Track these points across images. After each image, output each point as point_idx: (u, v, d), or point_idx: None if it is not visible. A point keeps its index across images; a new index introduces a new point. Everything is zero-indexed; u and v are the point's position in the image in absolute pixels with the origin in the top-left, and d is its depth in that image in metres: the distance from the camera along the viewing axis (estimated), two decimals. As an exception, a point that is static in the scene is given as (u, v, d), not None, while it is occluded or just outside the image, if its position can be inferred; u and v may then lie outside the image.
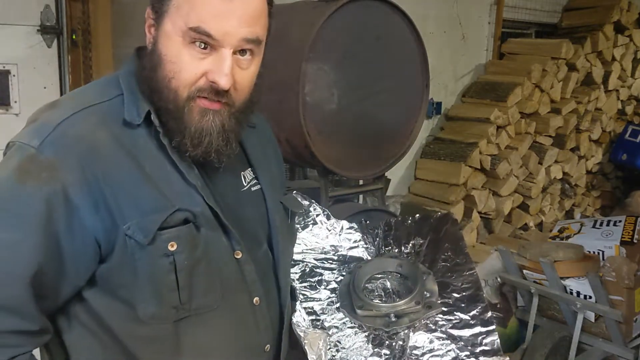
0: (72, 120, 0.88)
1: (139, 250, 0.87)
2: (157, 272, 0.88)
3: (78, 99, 0.93)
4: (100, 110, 0.91)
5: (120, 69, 0.98)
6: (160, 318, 0.90)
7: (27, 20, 2.27)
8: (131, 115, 0.91)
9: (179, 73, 0.88)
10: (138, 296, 0.89)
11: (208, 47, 0.87)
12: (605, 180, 4.71)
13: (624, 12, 4.40)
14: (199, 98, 0.89)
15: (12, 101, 2.28)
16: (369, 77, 2.18)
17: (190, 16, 0.86)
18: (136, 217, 0.87)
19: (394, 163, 2.39)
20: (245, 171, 1.05)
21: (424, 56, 2.31)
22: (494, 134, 3.72)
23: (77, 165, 0.85)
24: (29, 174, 0.84)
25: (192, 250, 0.90)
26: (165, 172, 0.91)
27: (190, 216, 0.91)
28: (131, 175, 0.88)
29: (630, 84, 4.63)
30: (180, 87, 0.89)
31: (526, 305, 3.01)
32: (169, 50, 0.88)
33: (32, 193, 0.83)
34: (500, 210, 3.80)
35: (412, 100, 2.35)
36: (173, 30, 0.88)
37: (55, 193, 0.84)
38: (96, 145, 0.87)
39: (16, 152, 0.86)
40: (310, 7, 2.13)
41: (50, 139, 0.85)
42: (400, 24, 2.23)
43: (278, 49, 2.06)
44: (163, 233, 0.88)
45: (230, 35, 0.87)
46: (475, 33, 4.17)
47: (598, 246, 3.17)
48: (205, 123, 0.90)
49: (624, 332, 2.67)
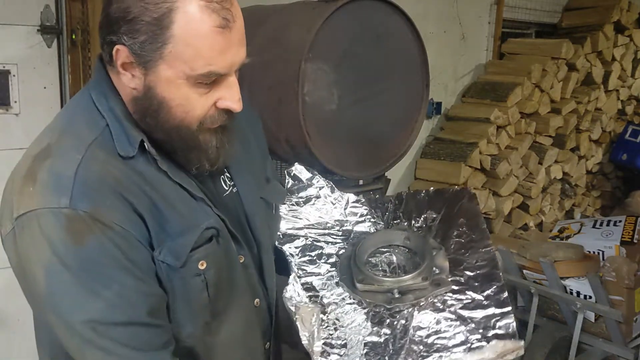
0: (85, 163, 0.84)
1: (172, 273, 0.88)
2: (190, 292, 0.90)
3: (72, 138, 0.88)
4: (100, 145, 0.88)
5: (89, 86, 0.94)
6: (195, 336, 0.93)
7: (27, 20, 2.27)
8: (124, 148, 0.88)
9: (191, 112, 0.88)
10: (173, 318, 0.90)
11: (215, 81, 0.88)
12: (605, 180, 4.71)
13: (624, 12, 4.40)
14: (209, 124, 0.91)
15: (12, 101, 2.28)
16: (369, 77, 2.18)
17: (196, 61, 0.84)
18: (166, 242, 0.87)
19: (394, 163, 2.39)
20: (223, 175, 1.04)
21: (424, 56, 2.31)
22: (494, 134, 3.72)
23: (116, 202, 0.84)
24: (82, 232, 0.81)
25: (218, 264, 0.93)
26: (176, 192, 0.91)
27: (215, 232, 0.92)
28: (155, 201, 0.88)
29: (630, 84, 4.63)
30: (192, 123, 0.89)
31: (526, 305, 3.01)
32: (174, 95, 0.87)
33: (99, 245, 0.81)
34: (500, 210, 3.80)
35: (412, 100, 2.35)
36: (175, 75, 0.85)
37: (118, 234, 0.83)
38: (119, 180, 0.86)
39: (48, 220, 0.81)
40: (310, 7, 2.13)
41: (78, 192, 0.82)
42: (400, 24, 2.23)
43: (277, 49, 2.06)
44: (193, 254, 0.89)
45: (235, 63, 0.88)
46: (475, 33, 4.17)
47: (598, 246, 3.16)
48: (217, 141, 0.93)
49: (624, 332, 2.67)
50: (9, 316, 2.39)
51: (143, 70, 0.86)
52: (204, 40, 0.83)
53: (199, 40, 0.83)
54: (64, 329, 0.83)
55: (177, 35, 0.83)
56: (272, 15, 2.24)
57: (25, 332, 2.35)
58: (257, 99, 2.12)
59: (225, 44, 0.85)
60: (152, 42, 0.83)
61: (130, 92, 0.89)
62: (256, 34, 2.17)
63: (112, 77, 0.92)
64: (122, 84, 0.90)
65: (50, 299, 0.83)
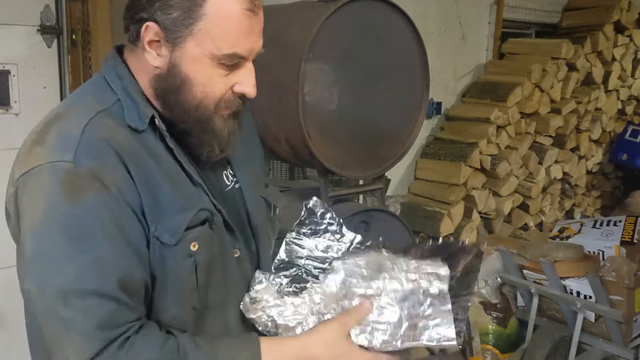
0: (92, 125, 0.86)
1: (165, 251, 0.88)
2: (180, 273, 0.89)
3: (79, 106, 0.91)
4: (110, 115, 0.90)
5: (102, 70, 0.96)
6: (180, 319, 0.91)
7: (27, 20, 2.27)
8: (134, 121, 0.90)
9: (211, 93, 0.91)
10: (161, 299, 0.89)
11: (235, 64, 0.91)
12: (605, 180, 4.71)
13: (624, 12, 4.40)
14: (223, 108, 0.94)
15: (12, 101, 2.28)
16: (369, 77, 2.18)
17: (223, 41, 0.87)
18: (162, 218, 0.87)
19: (394, 163, 2.39)
20: (226, 170, 1.06)
21: (424, 56, 2.31)
22: (494, 134, 3.72)
23: (118, 166, 0.85)
24: (79, 189, 0.81)
25: (209, 250, 0.92)
26: (177, 173, 0.92)
27: (210, 216, 0.93)
28: (155, 175, 0.89)
29: (630, 84, 4.63)
30: (210, 104, 0.92)
31: (526, 305, 3.01)
32: (198, 73, 0.89)
33: (91, 206, 0.81)
34: (500, 210, 3.80)
35: (412, 100, 2.35)
36: (202, 53, 0.88)
37: (114, 198, 0.83)
38: (122, 146, 0.86)
39: (48, 173, 0.82)
40: (310, 7, 2.13)
41: (83, 148, 0.83)
42: (400, 24, 2.23)
43: (278, 49, 2.06)
44: (188, 233, 0.89)
45: (254, 50, 0.92)
46: (475, 33, 4.17)
47: (598, 246, 3.17)
48: (230, 126, 0.96)
49: (624, 332, 2.67)
50: (9, 316, 2.39)
51: (170, 47, 0.88)
52: (233, 21, 0.87)
53: (229, 21, 0.87)
54: (36, 295, 0.82)
55: (209, 13, 0.86)
56: (272, 15, 2.24)
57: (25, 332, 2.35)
58: (257, 99, 2.11)
59: (250, 28, 0.89)
60: (185, 18, 0.86)
61: (152, 70, 0.91)
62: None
63: (131, 59, 0.94)
64: (143, 64, 0.92)
65: (32, 261, 0.82)
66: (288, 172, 3.01)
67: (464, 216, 3.60)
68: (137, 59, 0.93)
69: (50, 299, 0.80)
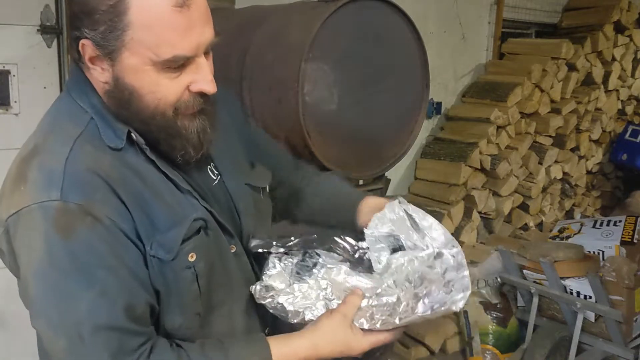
0: (74, 156, 0.84)
1: (163, 267, 0.87)
2: (181, 285, 0.89)
3: (56, 135, 0.88)
4: (87, 139, 0.87)
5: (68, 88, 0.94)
6: (186, 327, 0.92)
7: (27, 20, 2.27)
8: (112, 140, 0.88)
9: (163, 98, 0.86)
10: (166, 310, 0.90)
11: (183, 64, 0.86)
12: (605, 180, 4.71)
13: (624, 12, 4.40)
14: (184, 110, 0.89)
15: (12, 101, 2.28)
16: (369, 77, 2.18)
17: (159, 46, 0.82)
18: (156, 236, 0.87)
19: (394, 163, 2.39)
20: (209, 165, 1.03)
21: (424, 56, 2.31)
22: (494, 134, 3.72)
23: (106, 194, 0.84)
24: (72, 226, 0.80)
25: (207, 256, 0.92)
26: (164, 185, 0.91)
27: (203, 223, 0.92)
28: (144, 195, 0.87)
29: (630, 84, 4.63)
30: (167, 110, 0.87)
31: (526, 305, 3.01)
32: (144, 83, 0.85)
33: (86, 241, 0.81)
34: (500, 210, 3.80)
35: (412, 100, 2.35)
36: (141, 62, 0.83)
37: (107, 229, 0.82)
38: (107, 173, 0.85)
39: (38, 214, 0.80)
40: (310, 7, 2.13)
41: (68, 183, 0.81)
42: (400, 24, 2.23)
43: (277, 49, 2.06)
44: (184, 246, 0.88)
45: (201, 45, 0.85)
46: (475, 33, 4.17)
47: (598, 246, 3.17)
48: (197, 125, 0.91)
49: (624, 332, 2.67)
50: (9, 316, 2.39)
51: (110, 62, 0.85)
52: (163, 23, 0.80)
53: (158, 23, 0.80)
54: (51, 336, 0.83)
55: (134, 20, 0.80)
56: (272, 15, 2.24)
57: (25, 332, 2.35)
58: (257, 99, 2.12)
59: (186, 24, 0.82)
60: (112, 31, 0.81)
61: (102, 86, 0.88)
62: (256, 34, 2.17)
63: (87, 74, 0.91)
64: (94, 79, 0.89)
65: (39, 301, 0.83)
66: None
67: (464, 216, 3.60)
68: (90, 76, 0.90)
69: (65, 339, 0.81)
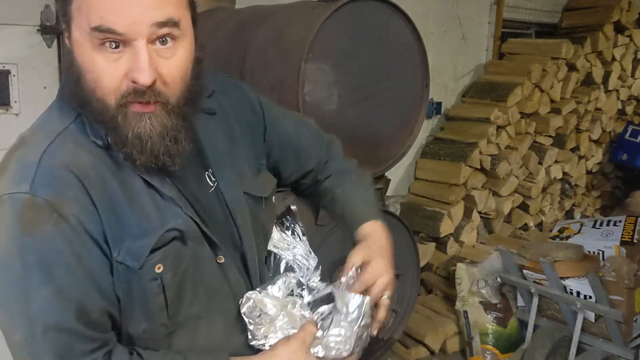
0: (51, 151, 0.82)
1: (130, 275, 0.84)
2: (147, 295, 0.86)
3: (42, 129, 0.87)
4: (71, 134, 0.85)
5: (62, 84, 0.93)
6: (151, 333, 0.90)
7: (27, 20, 2.27)
8: (97, 137, 0.85)
9: (99, 81, 0.79)
10: (129, 315, 0.87)
11: (120, 44, 0.78)
12: (605, 180, 4.71)
13: (624, 12, 4.40)
14: (130, 103, 0.81)
15: (12, 101, 2.29)
16: (369, 77, 2.18)
17: (90, 16, 0.76)
18: (125, 242, 0.84)
19: (394, 163, 2.39)
20: (207, 171, 0.98)
21: (424, 56, 2.31)
22: (494, 134, 3.72)
23: (77, 193, 0.81)
24: (36, 221, 0.78)
25: (177, 267, 0.88)
26: (142, 189, 0.87)
27: (178, 234, 0.87)
28: (118, 198, 0.84)
29: (630, 84, 4.63)
30: (106, 96, 0.80)
31: (526, 305, 3.01)
32: (84, 59, 0.79)
33: (49, 239, 0.78)
34: (500, 210, 3.80)
35: (412, 100, 2.35)
36: (81, 36, 0.79)
37: (72, 229, 0.80)
38: (84, 170, 0.82)
39: (7, 205, 0.79)
40: (310, 7, 2.13)
41: (40, 178, 0.79)
42: (400, 24, 2.23)
43: (278, 49, 2.06)
44: (152, 257, 0.85)
45: (138, 24, 0.77)
46: (475, 33, 4.17)
47: (598, 246, 3.17)
48: (142, 128, 0.81)
49: (624, 332, 2.67)
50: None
51: (68, 36, 0.82)
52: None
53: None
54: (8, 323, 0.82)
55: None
56: (272, 15, 2.24)
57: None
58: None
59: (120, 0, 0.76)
60: (66, 2, 0.80)
61: None
62: (256, 34, 2.17)
63: None
64: None
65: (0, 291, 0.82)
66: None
67: (464, 216, 3.60)
68: None
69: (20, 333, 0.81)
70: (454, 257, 3.48)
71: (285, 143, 1.14)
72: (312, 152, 1.18)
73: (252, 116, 1.09)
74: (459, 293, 3.09)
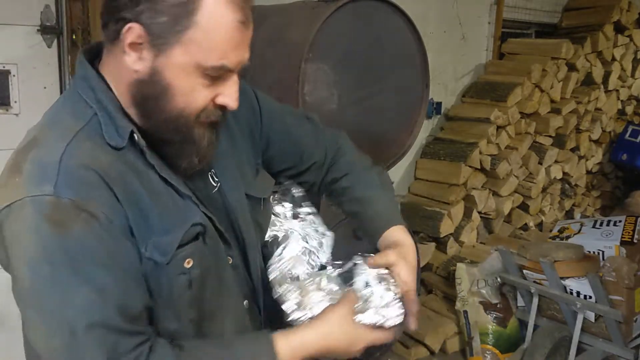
0: (70, 151, 0.82)
1: (158, 270, 0.86)
2: (174, 290, 0.88)
3: (55, 128, 0.86)
4: (88, 135, 0.85)
5: (74, 83, 0.92)
6: (180, 333, 0.90)
7: (27, 20, 2.27)
8: (113, 139, 0.86)
9: (193, 103, 0.87)
10: (160, 314, 0.88)
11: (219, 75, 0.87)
12: (605, 180, 4.71)
13: (624, 12, 4.40)
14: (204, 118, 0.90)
15: (12, 101, 2.28)
16: (369, 77, 2.18)
17: (212, 52, 0.83)
18: (151, 237, 0.85)
19: (394, 163, 2.39)
20: (210, 172, 1.01)
21: (424, 56, 2.31)
22: (494, 134, 3.72)
23: (103, 192, 0.82)
24: (65, 221, 0.78)
25: (203, 264, 0.90)
26: (163, 188, 0.89)
27: (202, 230, 0.90)
28: (141, 195, 0.86)
29: (630, 84, 4.63)
30: (192, 114, 0.88)
31: (526, 305, 3.01)
32: (181, 83, 0.85)
33: (80, 238, 0.78)
34: (500, 210, 3.80)
35: (412, 100, 2.35)
36: (188, 62, 0.84)
37: (103, 226, 0.80)
38: (105, 170, 0.83)
39: (31, 208, 0.78)
40: (310, 7, 2.13)
41: (63, 178, 0.80)
42: (400, 24, 2.23)
43: (278, 49, 2.07)
44: (180, 251, 0.87)
45: (242, 62, 0.89)
46: (475, 33, 4.17)
47: (598, 246, 3.16)
48: (210, 137, 0.92)
49: (624, 332, 2.67)
50: (9, 316, 2.39)
51: (154, 52, 0.84)
52: (224, 33, 0.84)
53: (220, 32, 0.83)
54: (41, 330, 0.81)
55: (201, 22, 0.82)
56: (272, 15, 2.24)
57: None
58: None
59: (240, 41, 0.86)
60: (174, 25, 0.82)
61: (131, 75, 0.86)
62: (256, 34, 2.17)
63: (108, 61, 0.89)
64: (121, 67, 0.87)
65: (32, 294, 0.80)
66: (288, 172, 3.00)
67: (464, 216, 3.60)
68: (115, 61, 0.88)
69: (59, 336, 0.78)
70: (454, 257, 3.48)
71: (284, 137, 1.16)
72: (315, 146, 1.19)
73: (250, 115, 1.11)
74: (459, 293, 3.09)
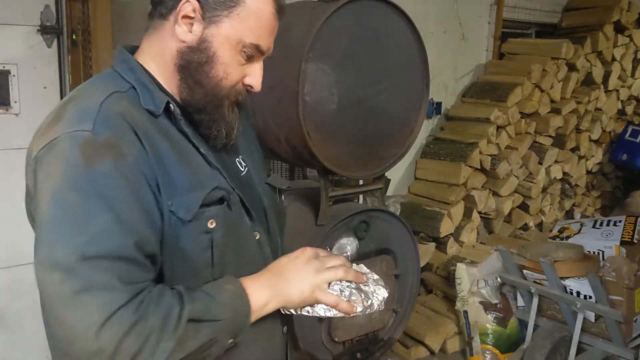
0: (110, 101, 0.89)
1: (180, 227, 0.89)
2: (195, 249, 0.91)
3: (97, 88, 0.93)
4: (126, 97, 0.92)
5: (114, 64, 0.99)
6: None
7: (27, 20, 2.27)
8: (149, 104, 0.93)
9: (230, 75, 0.97)
10: (176, 271, 0.91)
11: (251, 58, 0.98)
12: (605, 180, 4.71)
13: (624, 12, 4.40)
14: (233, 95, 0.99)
15: (12, 101, 2.28)
16: (369, 77, 2.18)
17: (253, 31, 0.96)
18: (177, 195, 0.89)
19: (394, 163, 2.39)
20: (238, 157, 1.09)
21: (424, 56, 2.31)
22: (494, 134, 3.72)
23: (134, 139, 0.87)
24: (95, 156, 0.83)
25: (226, 229, 0.95)
26: (193, 155, 0.95)
27: (226, 195, 0.95)
28: (169, 154, 0.91)
29: (630, 84, 4.63)
30: (226, 87, 0.98)
31: (526, 305, 3.01)
32: (225, 53, 0.95)
33: (107, 172, 0.83)
34: (500, 210, 3.80)
35: (412, 100, 2.35)
36: (234, 36, 0.95)
37: (130, 166, 0.85)
38: (137, 124, 0.89)
39: (67, 142, 0.84)
40: (310, 7, 2.13)
41: (101, 119, 0.86)
42: (400, 24, 2.23)
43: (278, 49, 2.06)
44: (204, 211, 0.91)
45: (270, 49, 1.01)
46: (475, 33, 4.17)
47: (598, 246, 3.17)
48: (235, 116, 1.02)
49: (624, 332, 2.67)
50: (9, 316, 2.39)
51: (204, 25, 0.94)
52: (264, 17, 0.97)
53: (261, 15, 0.96)
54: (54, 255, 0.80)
55: (248, 3, 0.95)
56: (272, 15, 2.24)
57: (25, 332, 2.35)
58: (257, 99, 2.12)
59: (273, 28, 0.99)
60: (226, 1, 0.94)
61: (178, 44, 0.95)
62: (256, 34, 2.17)
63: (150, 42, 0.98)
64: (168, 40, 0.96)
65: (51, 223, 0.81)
66: (288, 172, 3.01)
67: (464, 216, 3.60)
68: (160, 37, 0.97)
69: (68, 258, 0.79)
70: (454, 257, 3.48)
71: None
72: None
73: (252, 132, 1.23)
74: (459, 293, 3.09)
